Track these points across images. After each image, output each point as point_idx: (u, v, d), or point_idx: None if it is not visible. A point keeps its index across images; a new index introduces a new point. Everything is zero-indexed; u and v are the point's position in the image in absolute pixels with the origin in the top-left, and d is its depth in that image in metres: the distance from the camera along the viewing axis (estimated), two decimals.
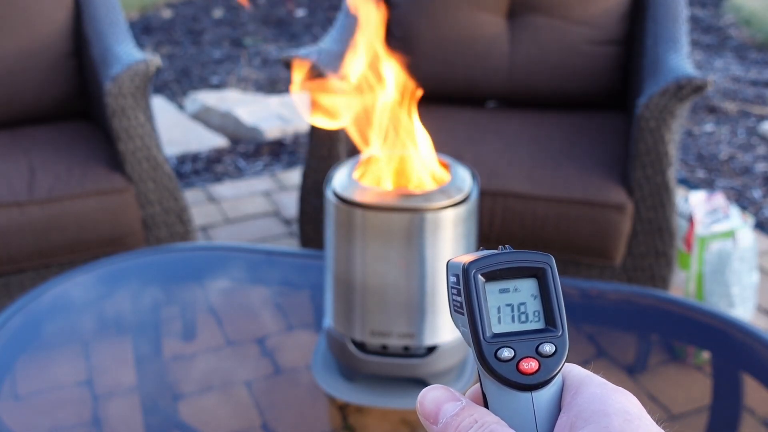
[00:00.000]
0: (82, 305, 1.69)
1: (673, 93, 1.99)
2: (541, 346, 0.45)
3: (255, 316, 1.69)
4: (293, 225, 2.86)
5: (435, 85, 2.53)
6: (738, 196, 3.10)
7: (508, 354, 0.45)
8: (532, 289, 0.47)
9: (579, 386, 0.45)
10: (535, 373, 0.45)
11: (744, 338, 1.50)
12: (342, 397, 1.43)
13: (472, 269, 0.46)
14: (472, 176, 1.36)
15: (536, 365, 0.45)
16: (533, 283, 0.47)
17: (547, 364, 0.45)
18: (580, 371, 0.46)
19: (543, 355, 0.45)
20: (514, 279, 0.47)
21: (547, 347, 0.45)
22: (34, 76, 2.41)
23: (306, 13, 5.43)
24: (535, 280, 0.47)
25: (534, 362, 0.45)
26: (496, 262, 0.46)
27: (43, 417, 1.44)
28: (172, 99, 4.05)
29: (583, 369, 0.46)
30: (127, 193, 2.13)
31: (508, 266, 0.46)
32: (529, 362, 0.45)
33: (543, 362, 0.45)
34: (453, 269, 0.47)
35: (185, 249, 1.96)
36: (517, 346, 0.45)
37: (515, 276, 0.47)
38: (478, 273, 0.46)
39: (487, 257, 0.46)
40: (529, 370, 0.45)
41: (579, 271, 2.14)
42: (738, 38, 4.90)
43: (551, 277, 0.46)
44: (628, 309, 1.69)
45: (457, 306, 0.47)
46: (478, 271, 0.46)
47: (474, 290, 0.46)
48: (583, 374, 0.45)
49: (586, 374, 0.45)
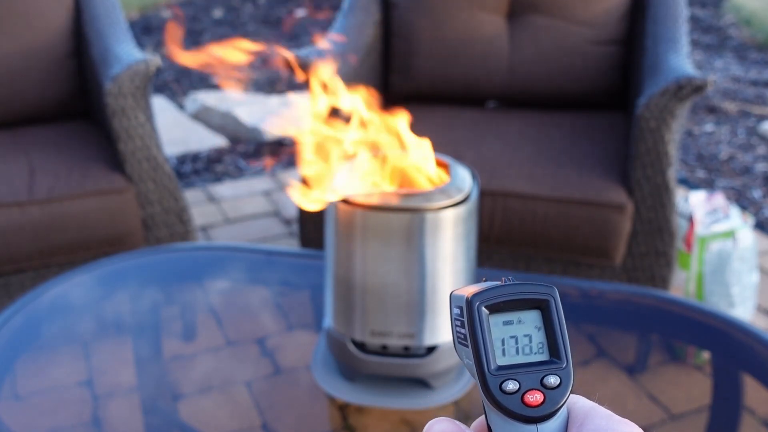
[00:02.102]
0: (82, 305, 1.69)
1: (673, 93, 1.99)
2: (546, 378, 0.45)
3: (255, 316, 1.69)
4: (293, 225, 2.86)
5: (435, 85, 2.53)
6: (738, 196, 3.10)
7: (513, 386, 0.45)
8: (536, 321, 0.47)
9: (584, 418, 0.45)
10: (540, 405, 0.45)
11: (744, 338, 1.50)
12: (342, 397, 1.43)
13: (475, 301, 0.46)
14: (472, 176, 1.36)
15: (541, 397, 0.45)
16: (537, 314, 0.47)
17: (552, 396, 0.45)
18: (585, 402, 0.46)
19: (548, 387, 0.45)
20: (518, 311, 0.47)
21: (551, 379, 0.45)
22: (35, 76, 2.41)
23: (306, 13, 5.43)
24: (539, 312, 0.47)
25: (539, 394, 0.45)
26: (499, 294, 0.46)
27: (43, 417, 1.44)
28: (172, 99, 4.05)
29: (588, 400, 0.46)
30: (127, 193, 2.13)
31: (511, 298, 0.46)
32: (534, 394, 0.45)
33: (548, 394, 0.45)
34: (456, 301, 0.47)
35: (185, 249, 1.96)
36: (521, 378, 0.45)
37: (519, 308, 0.47)
38: (482, 305, 0.46)
39: (490, 289, 0.46)
40: (534, 402, 0.45)
41: (579, 271, 2.14)
42: (738, 38, 4.90)
43: (555, 308, 0.47)
44: (628, 309, 1.69)
45: (461, 338, 0.47)
46: (482, 303, 0.46)
47: (478, 322, 0.46)
48: (589, 406, 0.45)
49: (591, 406, 0.45)
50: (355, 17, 2.48)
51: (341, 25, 2.46)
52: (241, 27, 5.15)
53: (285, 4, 5.57)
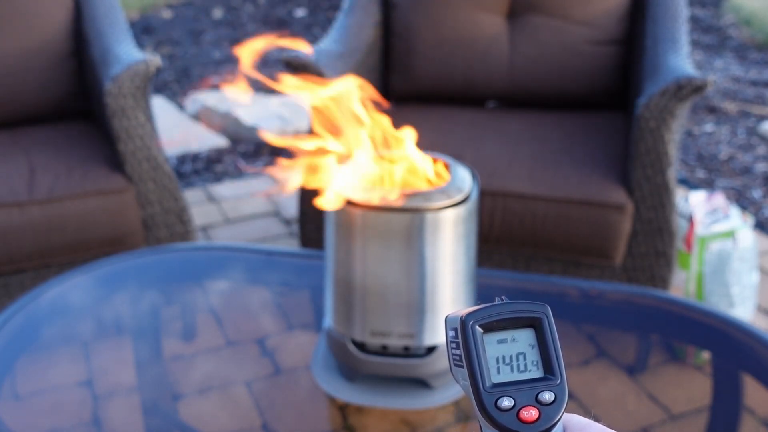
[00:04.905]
0: (82, 305, 1.69)
1: (673, 93, 1.99)
2: (541, 395, 0.46)
3: (255, 316, 1.69)
4: (293, 225, 2.86)
5: (435, 85, 2.53)
6: (738, 196, 3.10)
7: (508, 403, 0.45)
8: (529, 339, 0.48)
9: None
10: (535, 421, 0.45)
11: (744, 338, 1.50)
12: (342, 397, 1.43)
13: (469, 321, 0.47)
14: (472, 176, 1.36)
15: (536, 413, 0.45)
16: (530, 332, 0.48)
17: (547, 412, 0.45)
18: (580, 420, 0.46)
19: (543, 403, 0.46)
20: (512, 329, 0.48)
21: (546, 395, 0.46)
22: (35, 76, 2.41)
23: (306, 13, 5.43)
24: (533, 330, 0.48)
25: (534, 410, 0.45)
26: (493, 313, 0.47)
27: (43, 417, 1.44)
28: (172, 99, 4.05)
29: (582, 417, 0.47)
30: (127, 193, 2.13)
31: (505, 317, 0.47)
32: (530, 411, 0.45)
33: (543, 410, 0.45)
34: (451, 323, 0.48)
35: (185, 249, 1.96)
36: (516, 395, 0.46)
37: (513, 326, 0.47)
38: (476, 324, 0.47)
39: (484, 309, 0.47)
40: (530, 418, 0.45)
41: (579, 271, 2.14)
42: (738, 38, 4.90)
43: (548, 326, 0.47)
44: (628, 309, 1.69)
45: (456, 359, 0.48)
46: (476, 322, 0.47)
47: (472, 342, 0.46)
48: (584, 422, 0.46)
49: (586, 422, 0.46)
50: (355, 17, 2.48)
51: (341, 25, 2.46)
52: (241, 27, 5.15)
53: (285, 4, 5.57)
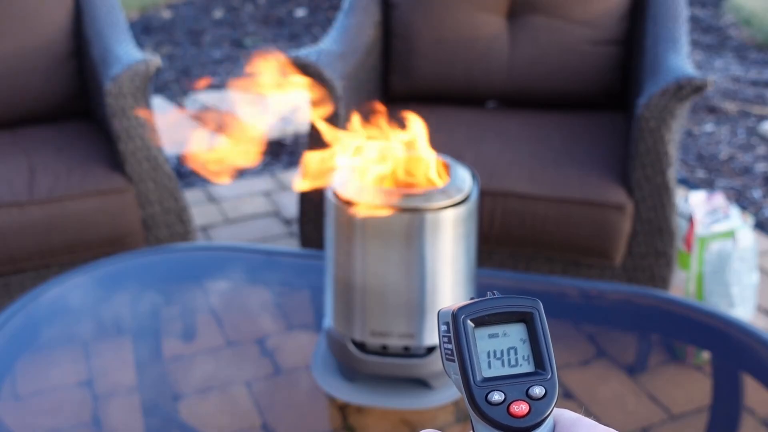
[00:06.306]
0: (82, 305, 1.69)
1: (673, 93, 1.99)
2: (531, 389, 0.46)
3: (255, 316, 1.69)
4: (293, 225, 2.86)
5: (435, 85, 2.53)
6: (738, 196, 3.10)
7: (498, 397, 0.46)
8: (521, 334, 0.48)
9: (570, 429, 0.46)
10: (525, 415, 0.45)
11: (744, 338, 1.50)
12: (342, 397, 1.43)
13: (461, 315, 0.47)
14: (472, 176, 1.36)
15: (527, 408, 0.46)
16: (522, 327, 0.48)
17: (537, 407, 0.46)
18: (571, 415, 0.47)
19: (533, 397, 0.46)
20: (503, 324, 0.48)
21: (537, 390, 0.46)
22: (35, 76, 2.41)
23: (306, 13, 5.43)
24: (524, 325, 0.48)
25: (524, 405, 0.46)
26: (484, 307, 0.47)
27: (43, 417, 1.44)
28: (172, 99, 4.05)
29: (573, 413, 0.47)
30: (127, 193, 2.13)
31: (496, 311, 0.47)
32: (520, 405, 0.45)
33: (533, 405, 0.46)
34: (443, 318, 0.48)
35: (185, 249, 1.96)
36: (507, 389, 0.46)
37: (504, 321, 0.48)
38: (467, 319, 0.47)
39: (475, 303, 0.47)
40: (520, 413, 0.45)
41: (579, 271, 2.14)
42: (738, 38, 4.90)
43: (539, 321, 0.48)
44: (628, 309, 1.69)
45: (448, 354, 0.48)
46: (467, 317, 0.47)
47: (463, 336, 0.47)
48: (574, 417, 0.46)
49: (576, 417, 0.46)
50: (355, 17, 2.48)
51: (341, 25, 2.46)
52: (241, 27, 5.15)
53: (285, 4, 5.57)
